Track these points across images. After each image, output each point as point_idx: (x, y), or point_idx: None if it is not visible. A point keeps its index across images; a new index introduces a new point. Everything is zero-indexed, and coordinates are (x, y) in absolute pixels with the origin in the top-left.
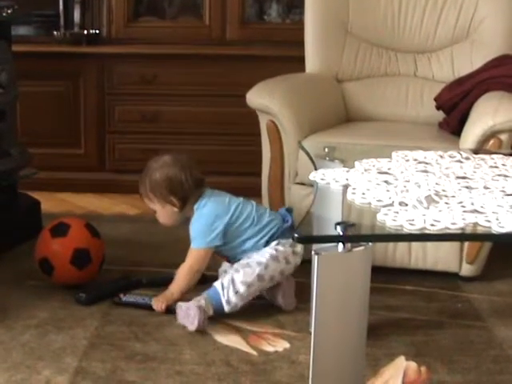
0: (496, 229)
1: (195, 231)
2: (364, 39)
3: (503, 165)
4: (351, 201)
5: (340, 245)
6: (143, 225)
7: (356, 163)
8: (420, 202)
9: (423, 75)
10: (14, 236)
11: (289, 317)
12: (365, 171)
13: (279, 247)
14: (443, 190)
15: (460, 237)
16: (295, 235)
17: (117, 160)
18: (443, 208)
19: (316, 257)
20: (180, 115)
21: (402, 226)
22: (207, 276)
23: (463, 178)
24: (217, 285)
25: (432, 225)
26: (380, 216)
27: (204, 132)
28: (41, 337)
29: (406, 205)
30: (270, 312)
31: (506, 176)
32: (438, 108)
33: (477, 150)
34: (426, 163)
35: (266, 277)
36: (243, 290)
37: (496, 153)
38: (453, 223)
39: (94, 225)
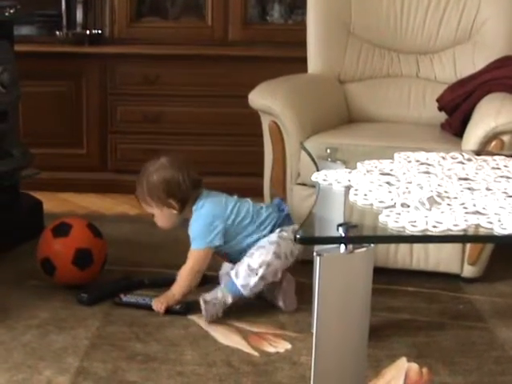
0: (498, 230)
1: (194, 232)
2: (366, 40)
3: (505, 166)
4: (353, 202)
5: (342, 246)
6: (145, 225)
7: (358, 164)
8: (422, 204)
9: (425, 76)
10: (16, 236)
11: (290, 317)
12: (367, 172)
13: (283, 233)
14: (445, 192)
15: (462, 238)
16: (297, 236)
17: (119, 160)
18: (445, 209)
19: (318, 258)
20: (182, 116)
21: (404, 228)
22: (208, 276)
23: (465, 180)
24: (232, 274)
25: (434, 226)
26: (382, 217)
27: (206, 132)
28: (42, 337)
29: (408, 206)
30: (271, 313)
31: (508, 177)
32: (440, 109)
33: (479, 152)
34: (428, 164)
35: (282, 254)
36: (263, 271)
37: (498, 154)
38: (455, 225)
39: (96, 225)
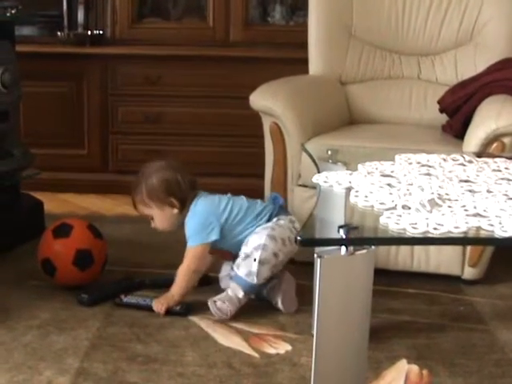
0: (499, 233)
1: (190, 230)
2: (368, 42)
3: (506, 168)
4: (354, 204)
5: (343, 248)
6: (146, 226)
7: (359, 166)
8: (423, 206)
9: (427, 78)
10: (17, 236)
11: (290, 319)
12: (368, 174)
13: (280, 221)
14: (446, 194)
15: (463, 241)
16: (298, 238)
17: (120, 161)
18: (446, 212)
19: (319, 260)
20: (183, 116)
21: (405, 230)
22: (210, 278)
23: (466, 182)
24: (234, 268)
25: (435, 228)
26: (383, 219)
27: (207, 133)
28: (42, 337)
29: (409, 208)
30: (272, 314)
31: (509, 180)
32: (442, 111)
33: (480, 154)
34: (429, 166)
35: (278, 238)
36: (260, 254)
37: (499, 156)
38: (456, 227)
39: (97, 225)
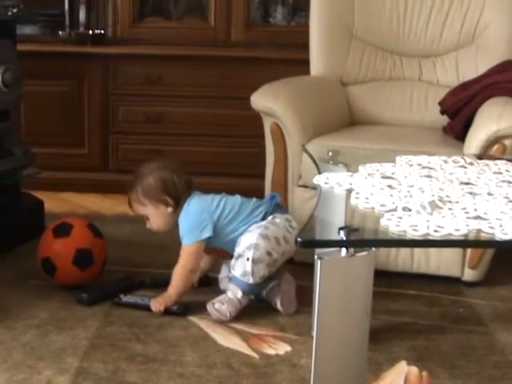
0: (499, 235)
1: (184, 228)
2: (369, 43)
3: (507, 171)
4: (355, 205)
5: (343, 249)
6: (146, 225)
7: (360, 167)
8: (424, 208)
9: (428, 79)
10: (17, 235)
11: (290, 320)
12: (368, 176)
13: (275, 219)
14: (447, 196)
15: (463, 243)
16: (298, 239)
17: (120, 160)
18: (447, 214)
19: (319, 261)
20: (184, 116)
21: (406, 232)
22: (211, 278)
23: (467, 184)
24: (230, 269)
25: (435, 231)
26: (383, 221)
27: (208, 133)
28: (42, 337)
29: (410, 210)
30: (271, 315)
31: (510, 182)
32: (443, 113)
33: (481, 156)
34: (430, 168)
35: (270, 237)
36: (252, 254)
37: (500, 158)
38: (456, 229)
39: (97, 225)
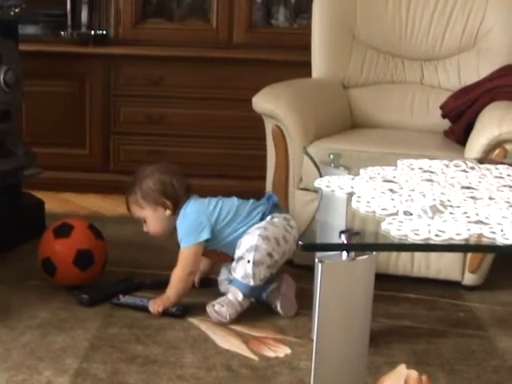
0: (500, 240)
1: (182, 231)
2: (371, 45)
3: (508, 175)
4: (356, 209)
5: (344, 253)
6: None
7: (361, 171)
8: (425, 212)
9: (429, 83)
10: (18, 235)
11: (290, 322)
12: (370, 179)
13: (274, 219)
14: (448, 200)
15: (464, 248)
16: (299, 242)
17: (121, 161)
18: (448, 218)
19: (320, 265)
20: (185, 118)
21: (407, 236)
22: (212, 280)
23: (468, 188)
24: (232, 271)
25: (437, 235)
26: (384, 225)
27: (209, 135)
28: (42, 337)
29: (411, 214)
30: (272, 317)
31: (511, 187)
32: (444, 116)
33: (482, 160)
34: (431, 172)
35: (271, 238)
36: (253, 256)
37: (501, 163)
38: (457, 234)
39: (98, 226)
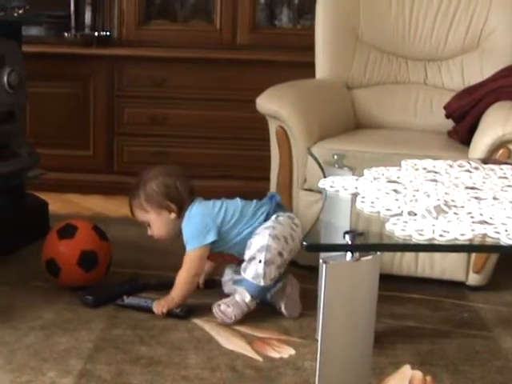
0: (505, 240)
1: (188, 234)
2: (374, 46)
3: None
4: (360, 209)
5: (348, 254)
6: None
7: (365, 171)
8: (429, 212)
9: (433, 83)
10: (22, 237)
11: (294, 323)
12: (374, 180)
13: (279, 218)
14: (452, 200)
15: (469, 248)
16: (304, 243)
17: (125, 162)
18: (452, 218)
19: (324, 265)
20: (189, 119)
21: (411, 236)
22: (216, 281)
23: (472, 189)
24: (241, 272)
25: (441, 235)
26: (389, 225)
27: (213, 136)
28: (46, 338)
29: (415, 214)
30: (276, 318)
31: None
32: (448, 117)
33: (486, 160)
34: (435, 172)
35: (280, 237)
36: (264, 256)
37: (505, 163)
38: (462, 234)
39: (101, 227)
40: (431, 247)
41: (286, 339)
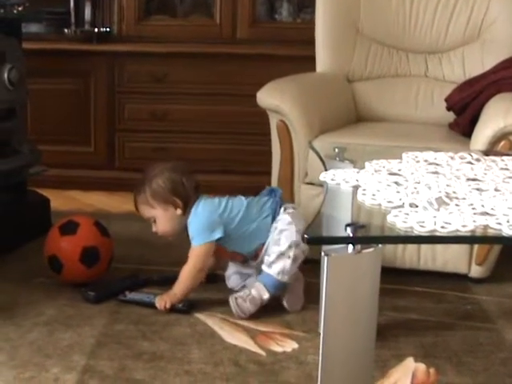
0: (507, 231)
1: (193, 230)
2: (375, 39)
3: None
4: (361, 202)
5: (350, 246)
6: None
7: (366, 164)
8: (430, 204)
9: (434, 76)
10: (23, 233)
11: (297, 317)
12: (375, 172)
13: (289, 210)
14: (454, 192)
15: (470, 239)
16: (305, 236)
17: (126, 158)
18: (454, 210)
19: (326, 258)
20: (190, 114)
21: (413, 228)
22: (218, 275)
23: (474, 180)
24: (264, 268)
25: (442, 227)
26: (390, 217)
27: (214, 131)
28: (49, 334)
29: (417, 206)
30: (279, 312)
31: None
32: (449, 109)
33: (487, 152)
34: (437, 164)
35: (302, 231)
36: (293, 252)
37: (507, 154)
38: (463, 225)
39: (103, 223)
40: (433, 239)
41: (289, 333)
